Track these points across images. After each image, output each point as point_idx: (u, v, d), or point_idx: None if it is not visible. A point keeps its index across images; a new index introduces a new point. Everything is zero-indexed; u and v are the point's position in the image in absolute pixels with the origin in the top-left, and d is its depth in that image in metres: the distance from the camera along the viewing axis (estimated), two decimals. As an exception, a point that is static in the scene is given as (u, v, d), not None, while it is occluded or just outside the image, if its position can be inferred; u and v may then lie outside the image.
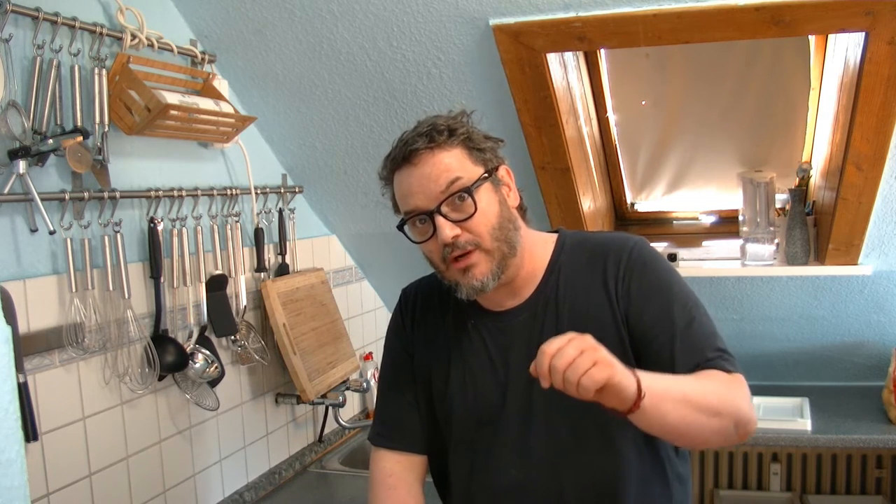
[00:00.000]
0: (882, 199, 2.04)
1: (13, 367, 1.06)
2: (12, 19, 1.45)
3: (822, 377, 2.71)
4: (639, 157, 2.59)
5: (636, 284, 1.22)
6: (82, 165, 1.56)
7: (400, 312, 1.43)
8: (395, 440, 1.37)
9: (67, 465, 1.58)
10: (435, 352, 1.35)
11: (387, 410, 1.40)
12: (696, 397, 1.08)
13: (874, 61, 1.68)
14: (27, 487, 1.06)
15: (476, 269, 1.18)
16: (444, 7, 1.78)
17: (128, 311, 1.69)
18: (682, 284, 1.24)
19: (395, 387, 1.40)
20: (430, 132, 1.18)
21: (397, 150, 1.21)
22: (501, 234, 1.19)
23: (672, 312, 1.20)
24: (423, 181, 1.17)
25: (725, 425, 1.11)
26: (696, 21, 1.66)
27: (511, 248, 1.20)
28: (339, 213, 2.56)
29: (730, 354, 1.20)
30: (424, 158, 1.18)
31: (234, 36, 1.98)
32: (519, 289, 1.27)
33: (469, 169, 1.19)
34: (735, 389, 1.14)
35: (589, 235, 1.35)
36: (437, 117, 1.22)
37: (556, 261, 1.28)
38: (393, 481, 1.33)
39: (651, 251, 1.26)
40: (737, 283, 2.46)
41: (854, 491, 2.67)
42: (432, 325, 1.37)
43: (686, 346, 1.18)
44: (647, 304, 1.21)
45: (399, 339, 1.42)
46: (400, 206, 1.24)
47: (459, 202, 1.17)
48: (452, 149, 1.19)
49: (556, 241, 1.31)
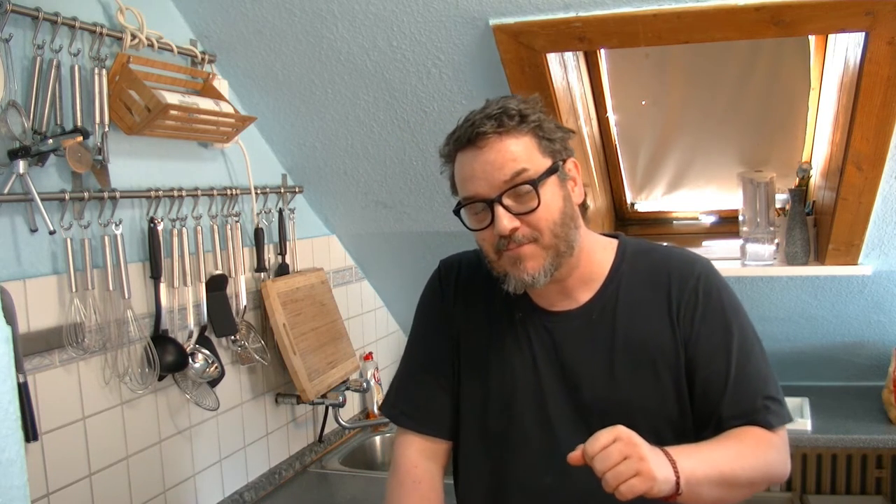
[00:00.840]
0: (882, 199, 2.04)
1: (13, 367, 1.06)
2: (12, 19, 1.45)
3: (822, 377, 2.71)
4: (639, 157, 2.59)
5: (700, 314, 1.18)
6: (82, 165, 1.56)
7: (440, 282, 1.34)
8: (425, 423, 1.30)
9: (67, 465, 1.58)
10: (474, 335, 1.29)
11: (416, 389, 1.32)
12: (732, 475, 1.07)
13: (874, 61, 1.68)
14: (27, 487, 1.06)
15: (528, 263, 1.13)
16: (444, 7, 1.78)
17: (128, 311, 1.69)
18: (745, 319, 1.21)
19: (428, 364, 1.32)
20: (501, 115, 1.11)
21: (463, 129, 1.14)
22: (562, 231, 1.14)
23: (730, 350, 1.17)
24: (487, 167, 1.11)
25: (757, 489, 1.12)
26: (696, 21, 1.66)
27: (569, 247, 1.16)
28: (339, 213, 2.56)
29: (779, 402, 1.17)
30: (491, 143, 1.11)
31: (234, 36, 1.98)
32: (572, 290, 1.23)
33: (537, 160, 1.13)
34: (773, 454, 1.13)
35: (652, 247, 1.29)
36: (509, 99, 1.15)
37: (618, 270, 1.23)
38: (418, 473, 1.28)
39: (718, 279, 1.22)
40: (737, 283, 2.46)
41: (854, 491, 2.67)
42: (474, 305, 1.30)
43: (737, 391, 1.15)
44: (709, 336, 1.18)
45: (436, 312, 1.34)
46: (458, 189, 1.17)
47: (523, 194, 1.11)
48: (522, 136, 1.13)
49: (616, 247, 1.26)
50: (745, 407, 1.15)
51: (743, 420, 1.15)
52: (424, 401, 1.31)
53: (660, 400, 1.19)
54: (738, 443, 1.13)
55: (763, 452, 1.13)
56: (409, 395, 1.33)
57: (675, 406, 1.19)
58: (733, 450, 1.11)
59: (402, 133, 2.20)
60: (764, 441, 1.14)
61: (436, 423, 1.31)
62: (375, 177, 2.38)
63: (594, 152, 2.45)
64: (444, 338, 1.32)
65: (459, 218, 1.18)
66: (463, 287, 1.32)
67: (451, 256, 1.38)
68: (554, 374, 1.22)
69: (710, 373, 1.17)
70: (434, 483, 1.29)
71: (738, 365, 1.16)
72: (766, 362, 1.20)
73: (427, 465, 1.29)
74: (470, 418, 1.29)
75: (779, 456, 1.15)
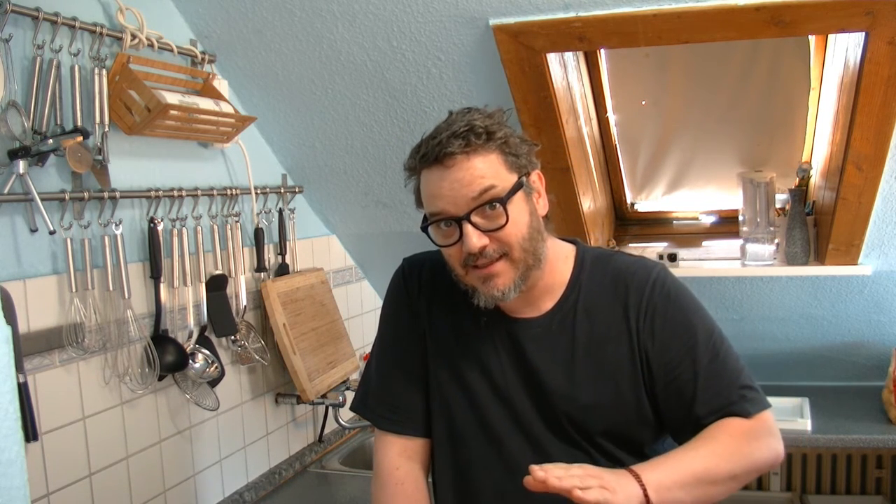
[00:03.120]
0: (882, 199, 2.04)
1: (13, 367, 1.06)
2: (12, 19, 1.45)
3: (822, 377, 2.71)
4: (639, 157, 2.59)
5: (659, 320, 1.19)
6: (82, 165, 1.56)
7: (404, 280, 1.35)
8: (405, 425, 1.31)
9: (67, 465, 1.58)
10: (440, 335, 1.30)
11: (394, 390, 1.33)
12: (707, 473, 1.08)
13: (874, 61, 1.68)
14: (27, 487, 1.06)
15: (499, 280, 1.14)
16: (444, 7, 1.78)
17: (128, 311, 1.69)
18: (706, 318, 1.22)
19: (402, 363, 1.33)
20: (467, 134, 1.11)
21: (429, 147, 1.13)
22: (530, 245, 1.15)
23: (695, 350, 1.17)
24: (454, 186, 1.11)
25: (743, 481, 1.12)
26: (696, 21, 1.66)
27: (536, 260, 1.16)
28: (339, 213, 2.56)
29: (754, 390, 1.18)
30: (459, 162, 1.11)
31: (234, 36, 1.98)
32: (536, 299, 1.24)
33: (503, 176, 1.13)
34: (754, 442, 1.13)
35: (609, 256, 1.29)
36: (474, 114, 1.15)
37: (577, 279, 1.25)
38: (401, 475, 1.29)
39: (674, 282, 1.23)
40: (737, 283, 2.46)
41: (854, 491, 2.67)
42: (439, 305, 1.30)
43: (709, 388, 1.16)
44: (670, 341, 1.18)
45: (403, 309, 1.34)
46: (425, 205, 1.17)
47: (490, 211, 1.12)
48: (489, 154, 1.12)
49: (575, 255, 1.27)
50: (721, 401, 1.15)
51: (719, 414, 1.15)
52: (402, 401, 1.32)
53: (619, 406, 1.20)
54: (711, 440, 1.13)
55: (739, 443, 1.12)
56: (387, 397, 1.33)
57: (635, 413, 1.20)
58: (706, 448, 1.11)
59: (402, 133, 2.20)
60: (739, 431, 1.13)
61: (414, 423, 1.32)
62: (375, 177, 2.38)
63: (594, 152, 2.45)
64: (413, 335, 1.32)
65: (427, 234, 1.18)
66: (428, 286, 1.32)
67: (415, 255, 1.37)
68: (518, 379, 1.23)
69: (679, 376, 1.17)
70: (418, 483, 1.30)
71: (707, 363, 1.17)
72: (735, 356, 1.20)
73: (409, 465, 1.31)
74: (438, 417, 1.30)
75: (761, 442, 1.14)
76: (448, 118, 1.17)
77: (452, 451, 1.29)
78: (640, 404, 1.20)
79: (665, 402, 1.19)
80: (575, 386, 1.21)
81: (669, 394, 1.18)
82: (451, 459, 1.30)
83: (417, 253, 1.38)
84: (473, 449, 1.27)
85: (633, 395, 1.20)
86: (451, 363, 1.28)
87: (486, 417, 1.25)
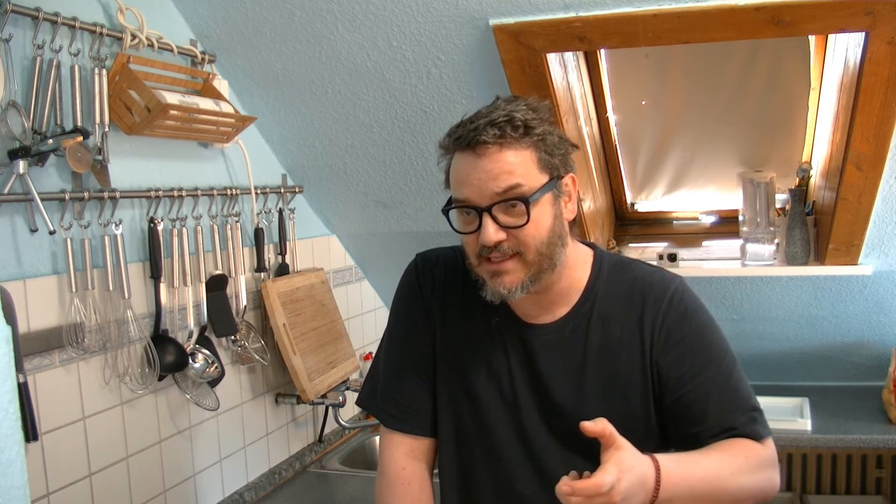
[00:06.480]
0: (882, 199, 2.04)
1: (13, 367, 1.06)
2: (12, 19, 1.45)
3: (822, 377, 2.71)
4: (639, 157, 2.59)
5: (675, 336, 1.18)
6: (82, 165, 1.56)
7: (417, 276, 1.32)
8: (413, 424, 1.30)
9: (67, 465, 1.58)
10: (450, 333, 1.28)
11: (402, 389, 1.31)
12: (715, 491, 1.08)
13: (874, 61, 1.68)
14: (27, 487, 1.06)
15: (507, 277, 1.12)
16: (444, 7, 1.78)
17: (128, 311, 1.69)
18: (720, 338, 1.21)
19: (411, 361, 1.31)
20: (504, 125, 1.08)
21: (465, 130, 1.10)
22: (547, 249, 1.12)
23: (709, 368, 1.17)
24: (481, 175, 1.08)
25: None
26: (696, 21, 1.66)
27: (551, 265, 1.14)
28: (339, 213, 2.56)
29: (761, 413, 1.18)
30: (490, 153, 1.08)
31: (234, 36, 1.98)
32: (550, 304, 1.22)
33: (533, 176, 1.10)
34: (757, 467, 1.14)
35: (627, 264, 1.27)
36: (518, 104, 1.12)
37: (593, 286, 1.23)
38: (407, 475, 1.29)
39: (692, 299, 1.21)
40: (737, 283, 2.46)
41: (854, 491, 2.66)
42: (451, 303, 1.28)
43: (718, 408, 1.15)
44: (684, 356, 1.17)
45: (415, 305, 1.31)
46: (452, 189, 1.14)
47: (513, 208, 1.09)
48: (522, 150, 1.09)
49: (592, 260, 1.25)
50: (731, 421, 1.15)
51: (728, 434, 1.15)
52: (411, 401, 1.30)
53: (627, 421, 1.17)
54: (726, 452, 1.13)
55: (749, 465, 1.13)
56: (395, 395, 1.31)
57: (642, 428, 1.20)
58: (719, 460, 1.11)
59: (402, 133, 2.20)
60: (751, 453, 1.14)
61: (422, 423, 1.30)
62: (375, 177, 2.38)
63: (594, 152, 2.45)
64: (424, 332, 1.30)
65: (447, 217, 1.16)
66: (441, 283, 1.30)
67: (429, 251, 1.35)
68: (527, 384, 1.22)
69: (690, 391, 1.17)
70: (424, 483, 1.30)
71: (721, 381, 1.17)
72: (744, 379, 1.20)
73: (415, 465, 1.30)
74: (444, 416, 1.29)
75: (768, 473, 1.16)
76: (492, 103, 1.14)
77: (457, 452, 1.29)
78: (648, 419, 1.20)
79: (674, 418, 1.19)
80: (583, 398, 1.20)
81: (679, 409, 1.17)
82: (456, 460, 1.29)
83: (430, 249, 1.36)
84: (476, 452, 1.26)
85: (641, 408, 1.19)
86: (459, 364, 1.27)
87: (490, 422, 1.24)
